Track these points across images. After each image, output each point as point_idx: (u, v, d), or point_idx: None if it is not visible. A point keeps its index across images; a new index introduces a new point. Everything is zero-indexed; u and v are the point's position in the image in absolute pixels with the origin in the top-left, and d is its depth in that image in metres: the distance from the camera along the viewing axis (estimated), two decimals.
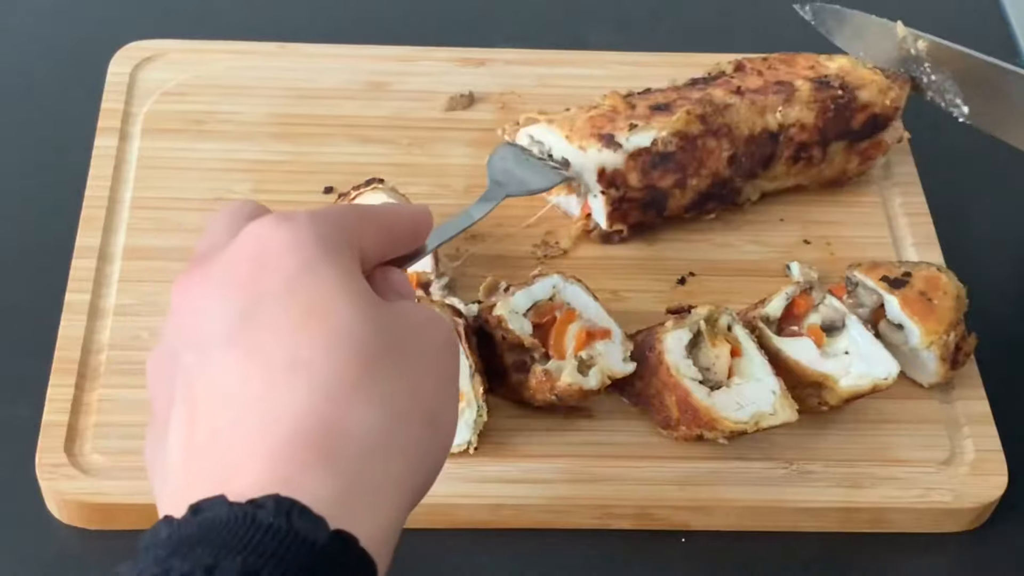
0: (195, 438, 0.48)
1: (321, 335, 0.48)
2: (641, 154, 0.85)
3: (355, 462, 0.47)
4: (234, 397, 0.47)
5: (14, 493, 0.76)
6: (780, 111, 0.87)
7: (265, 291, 0.49)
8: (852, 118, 0.89)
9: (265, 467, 0.45)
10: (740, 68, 0.92)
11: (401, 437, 0.49)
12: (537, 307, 0.78)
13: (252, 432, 0.46)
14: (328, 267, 0.50)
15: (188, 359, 0.50)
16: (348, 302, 0.49)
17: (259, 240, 0.51)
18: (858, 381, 0.77)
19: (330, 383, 0.47)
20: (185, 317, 0.51)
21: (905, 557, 0.78)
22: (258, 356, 0.48)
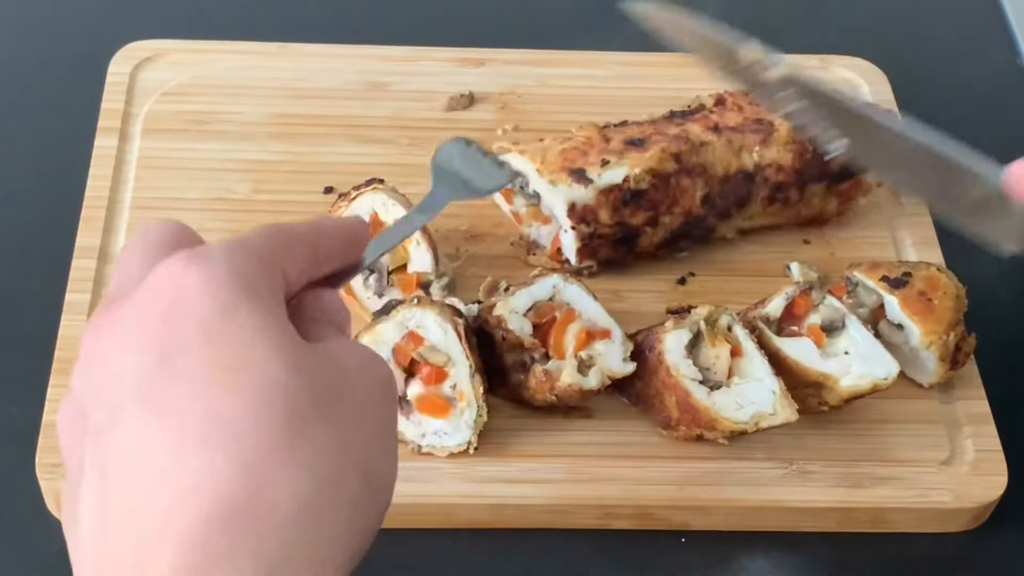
0: (106, 513, 0.43)
1: (241, 391, 0.43)
2: (612, 191, 0.83)
3: (277, 545, 0.42)
4: (145, 466, 0.42)
5: (14, 493, 0.76)
6: (757, 151, 0.86)
7: (179, 341, 0.43)
8: (831, 160, 0.87)
9: (177, 556, 0.41)
10: (720, 102, 0.89)
11: (332, 503, 0.44)
12: (537, 307, 0.78)
13: (163, 509, 0.42)
14: (247, 311, 0.44)
15: (97, 418, 0.44)
16: (271, 351, 0.44)
17: (170, 282, 0.45)
18: (858, 381, 0.77)
19: (251, 448, 0.42)
20: (94, 370, 0.45)
21: (905, 557, 0.78)
22: (171, 417, 0.42)
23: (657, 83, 1.00)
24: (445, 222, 0.88)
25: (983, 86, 1.07)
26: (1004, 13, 1.13)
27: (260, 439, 0.42)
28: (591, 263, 0.86)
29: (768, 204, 0.88)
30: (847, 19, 1.11)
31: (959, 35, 1.12)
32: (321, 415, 0.44)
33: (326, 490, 0.43)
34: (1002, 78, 1.08)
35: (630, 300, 0.86)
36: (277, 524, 0.42)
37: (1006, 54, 1.10)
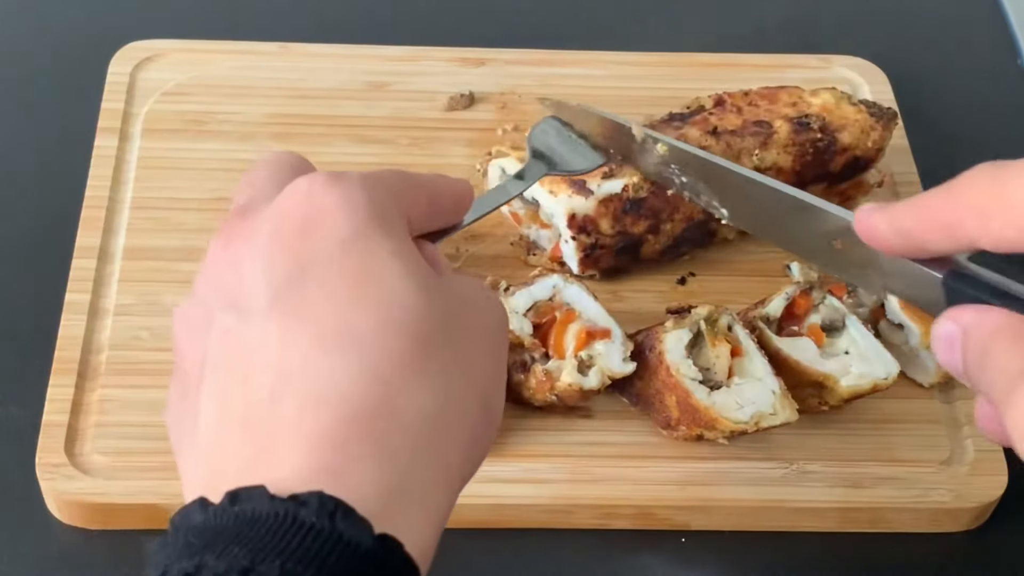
0: (231, 408, 0.44)
1: (375, 308, 0.44)
2: (612, 200, 0.82)
3: (406, 454, 0.43)
4: (276, 367, 0.44)
5: (14, 493, 0.76)
6: (756, 155, 0.85)
7: (315, 254, 0.45)
8: (831, 161, 0.87)
9: (310, 452, 0.42)
10: (720, 103, 0.88)
11: (455, 424, 0.46)
12: (537, 307, 0.78)
13: (296, 409, 0.43)
14: (382, 234, 0.46)
15: (225, 319, 0.46)
16: (404, 273, 0.46)
17: (310, 198, 0.47)
18: (858, 381, 0.77)
19: (384, 361, 0.44)
20: (224, 273, 0.47)
21: (905, 557, 0.78)
22: (305, 324, 0.44)
23: (656, 83, 1.00)
24: None
25: (983, 86, 1.07)
26: (1004, 13, 1.13)
27: (392, 354, 0.44)
28: (594, 272, 0.86)
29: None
30: (847, 18, 1.11)
31: (959, 35, 1.12)
32: (446, 340, 0.46)
33: (450, 410, 0.45)
34: (1002, 78, 1.08)
35: (630, 300, 0.86)
36: (407, 434, 0.43)
37: (1006, 54, 1.10)
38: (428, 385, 0.45)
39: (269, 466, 0.42)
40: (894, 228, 0.57)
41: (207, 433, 0.45)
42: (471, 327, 0.48)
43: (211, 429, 0.45)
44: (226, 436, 0.44)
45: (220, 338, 0.46)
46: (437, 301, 0.46)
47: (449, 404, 0.45)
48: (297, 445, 0.42)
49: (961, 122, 1.02)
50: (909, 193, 0.94)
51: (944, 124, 0.94)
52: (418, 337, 0.45)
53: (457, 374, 0.46)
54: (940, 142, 0.99)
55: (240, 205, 0.49)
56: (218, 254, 0.48)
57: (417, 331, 0.45)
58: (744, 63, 1.01)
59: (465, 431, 0.46)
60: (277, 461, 0.42)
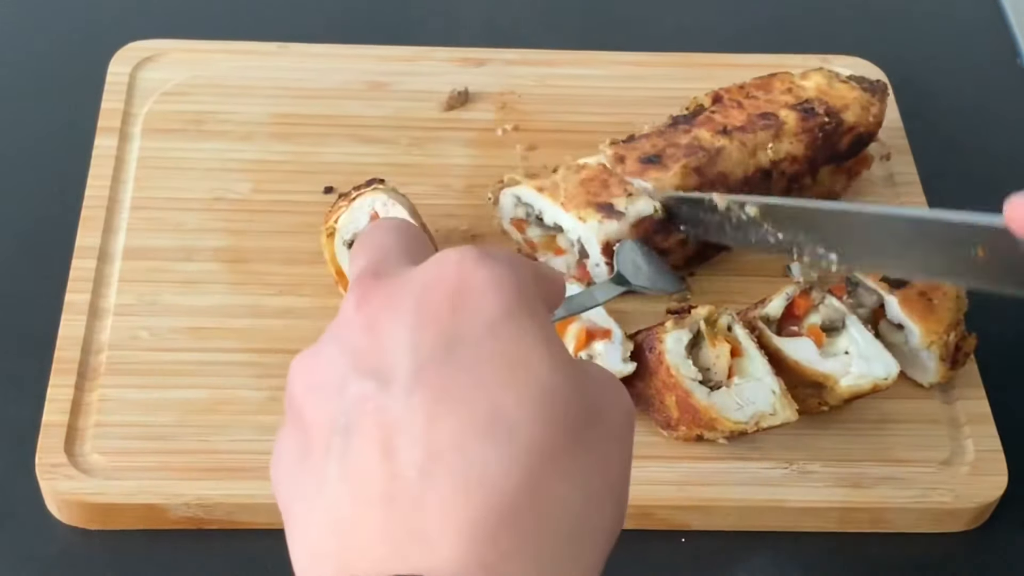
0: (371, 482, 0.42)
1: (527, 395, 0.42)
2: (644, 221, 0.82)
3: (554, 552, 0.41)
4: (424, 444, 0.41)
5: (14, 493, 0.76)
6: (771, 147, 0.85)
7: (464, 332, 0.43)
8: (839, 142, 0.88)
9: (463, 542, 0.40)
10: (717, 99, 0.89)
11: (596, 523, 0.43)
12: None
13: (448, 492, 0.41)
14: (529, 317, 0.44)
15: (363, 386, 0.43)
16: (552, 362, 0.43)
17: (460, 272, 0.45)
18: (858, 381, 0.77)
19: (535, 453, 0.42)
20: (360, 335, 0.45)
21: (905, 557, 0.78)
22: (455, 404, 0.42)
23: (656, 82, 1.00)
24: (445, 222, 0.88)
25: (983, 86, 1.07)
26: (1004, 13, 1.13)
27: (540, 443, 0.42)
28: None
29: (784, 195, 0.88)
30: (847, 18, 1.11)
31: (959, 35, 1.12)
32: (590, 431, 0.44)
33: (591, 506, 0.43)
34: (1002, 78, 1.08)
35: (630, 300, 0.86)
36: (555, 533, 0.42)
37: (1006, 54, 1.10)
38: (573, 483, 0.43)
39: (420, 553, 0.40)
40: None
41: (340, 504, 0.42)
42: (606, 420, 0.46)
43: (347, 502, 0.42)
44: (365, 512, 0.42)
45: (357, 404, 0.43)
46: (581, 387, 0.44)
47: (590, 503, 0.43)
48: (449, 532, 0.40)
49: (961, 122, 1.02)
50: (909, 193, 0.94)
51: (944, 124, 0.94)
52: (566, 429, 0.43)
53: (597, 469, 0.44)
54: (940, 142, 0.99)
55: (370, 266, 0.47)
56: (352, 314, 0.45)
57: (566, 423, 0.43)
58: (742, 63, 1.01)
59: (604, 528, 0.44)
60: (429, 548, 0.40)
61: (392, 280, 0.46)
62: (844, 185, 0.92)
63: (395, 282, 0.46)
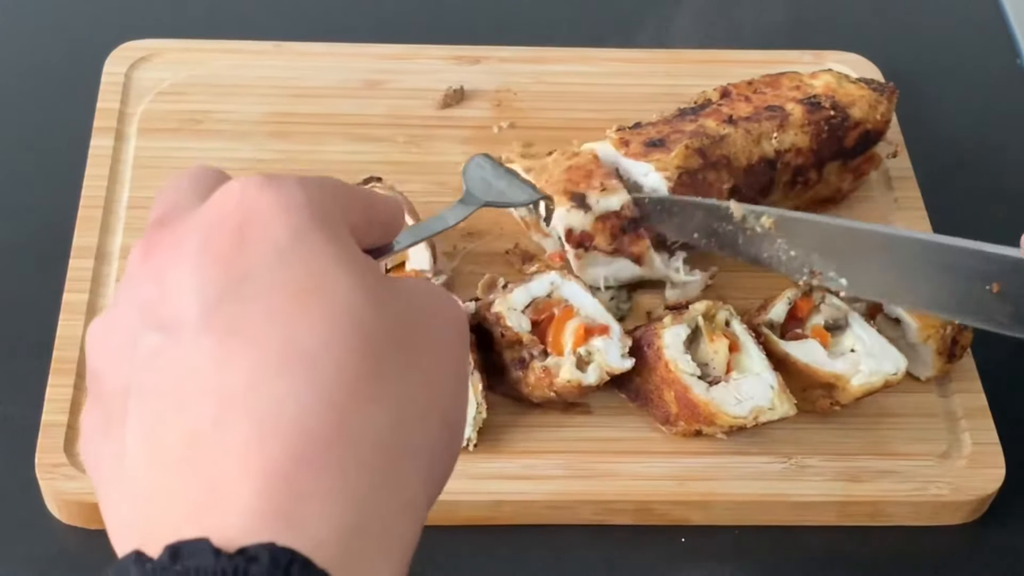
0: (165, 442, 0.39)
1: (320, 320, 0.40)
2: (609, 217, 0.82)
3: (364, 486, 0.39)
4: (215, 393, 0.39)
5: (14, 493, 0.76)
6: (775, 137, 0.86)
7: (252, 265, 0.41)
8: (845, 137, 0.88)
9: (258, 492, 0.37)
10: (726, 94, 0.89)
11: (415, 448, 0.41)
12: (535, 304, 0.78)
13: (241, 440, 0.38)
14: (324, 239, 0.41)
15: (151, 340, 0.41)
16: (351, 282, 0.41)
17: (243, 201, 0.42)
18: (869, 378, 0.77)
19: (335, 383, 0.39)
20: (145, 287, 0.42)
21: (904, 550, 0.78)
22: (245, 344, 0.39)
23: (653, 79, 1.00)
24: None
25: (983, 86, 1.07)
26: (1004, 13, 1.13)
27: (341, 372, 0.39)
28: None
29: (790, 188, 0.88)
30: (846, 18, 1.11)
31: (959, 35, 1.12)
32: (400, 351, 0.42)
33: (407, 429, 0.41)
34: (1002, 78, 1.08)
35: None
36: (363, 463, 0.39)
37: (1006, 54, 1.10)
38: (384, 407, 0.40)
39: (213, 511, 0.37)
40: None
41: (138, 472, 0.40)
42: (428, 337, 0.44)
43: (143, 467, 0.40)
44: (161, 475, 0.39)
45: (146, 361, 0.40)
46: (390, 308, 0.42)
47: (408, 426, 0.41)
48: (244, 484, 0.37)
49: (961, 122, 1.02)
50: (907, 193, 0.94)
51: (944, 124, 0.94)
52: (371, 354, 0.40)
53: (415, 392, 0.42)
54: (940, 142, 0.99)
55: (158, 215, 0.44)
56: (138, 267, 0.43)
57: (370, 347, 0.40)
58: (738, 59, 1.01)
59: (426, 454, 0.42)
60: (222, 504, 0.37)
61: (178, 223, 0.43)
62: (851, 184, 0.91)
63: (181, 225, 0.43)
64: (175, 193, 0.45)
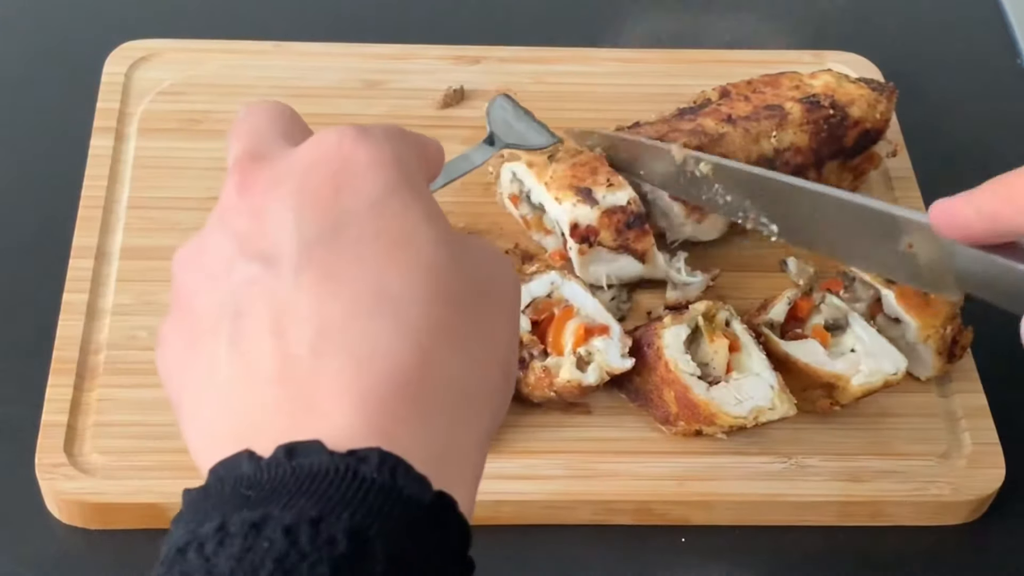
0: (264, 362, 0.42)
1: (409, 269, 0.44)
2: (616, 212, 0.82)
3: (445, 418, 0.43)
4: (313, 323, 0.42)
5: (14, 493, 0.76)
6: (774, 136, 0.85)
7: (348, 212, 0.44)
8: (845, 136, 0.88)
9: (358, 412, 0.41)
10: (725, 94, 0.89)
11: (483, 389, 0.46)
12: (535, 304, 0.78)
13: (338, 367, 0.42)
14: (412, 195, 0.45)
15: (250, 269, 0.44)
16: (436, 237, 0.45)
17: (339, 152, 0.45)
18: (870, 378, 0.77)
19: (420, 326, 0.43)
20: (244, 220, 0.45)
21: (904, 550, 0.78)
22: (341, 283, 0.43)
23: (652, 79, 1.00)
24: None
25: (983, 86, 1.07)
26: (1004, 13, 1.13)
27: (427, 319, 0.43)
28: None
29: None
30: (846, 18, 1.11)
31: (959, 35, 1.12)
32: (474, 303, 0.46)
33: (478, 374, 0.45)
34: (1002, 78, 1.08)
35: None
36: (444, 399, 0.43)
37: (1006, 54, 1.10)
38: (459, 351, 0.44)
39: (317, 423, 0.41)
40: (981, 212, 0.58)
41: (234, 386, 0.43)
42: (492, 292, 0.48)
43: (240, 382, 0.43)
44: (260, 390, 0.42)
45: (245, 287, 0.44)
46: (465, 267, 0.46)
47: (476, 369, 0.45)
48: (343, 404, 0.41)
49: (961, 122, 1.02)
50: (906, 191, 0.94)
51: (944, 124, 0.94)
52: (451, 302, 0.44)
53: (482, 339, 0.46)
54: (939, 142, 0.99)
55: (248, 149, 0.47)
56: (234, 199, 0.46)
57: (450, 297, 0.44)
58: (738, 59, 1.01)
59: (491, 393, 0.46)
60: (325, 419, 0.41)
61: (273, 162, 0.46)
62: (851, 183, 0.91)
63: (276, 164, 0.46)
64: (258, 130, 0.48)
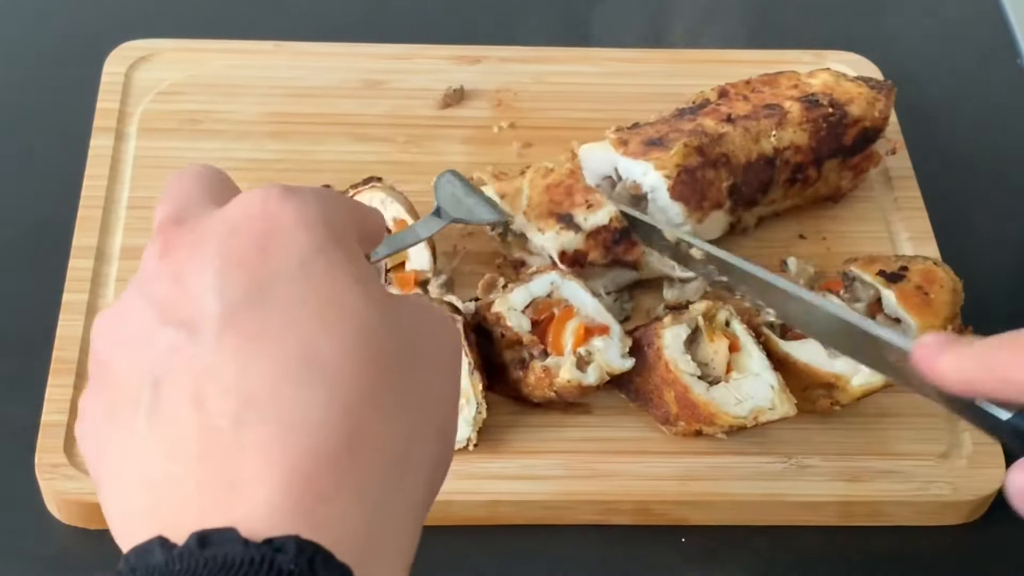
0: (183, 436, 0.40)
1: (340, 331, 0.42)
2: (600, 232, 0.82)
3: (377, 491, 0.41)
4: (236, 392, 0.40)
5: (14, 493, 0.76)
6: (774, 135, 0.85)
7: (275, 273, 0.42)
8: (844, 134, 0.88)
9: (280, 489, 0.39)
10: (724, 94, 0.89)
11: (418, 457, 0.43)
12: (535, 304, 0.78)
13: (263, 439, 0.39)
14: (341, 256, 0.44)
15: (170, 336, 0.42)
16: (367, 298, 0.43)
17: (265, 211, 0.44)
18: (870, 379, 0.77)
19: (351, 392, 0.41)
20: (165, 286, 0.43)
21: (904, 550, 0.78)
22: (267, 348, 0.41)
23: (652, 79, 1.00)
24: None
25: (983, 86, 1.07)
26: (1004, 13, 1.13)
27: (358, 383, 0.41)
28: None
29: (789, 186, 0.88)
30: (846, 18, 1.11)
31: (959, 35, 1.12)
32: (409, 366, 0.44)
33: (413, 441, 0.43)
34: (1002, 78, 1.08)
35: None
36: (376, 470, 0.41)
37: (1006, 54, 1.10)
38: (393, 418, 0.42)
39: (236, 504, 0.39)
40: (959, 375, 0.57)
41: (152, 461, 0.41)
42: (428, 354, 0.46)
43: (159, 457, 0.41)
44: (178, 466, 0.40)
45: (166, 356, 0.42)
46: (398, 328, 0.44)
47: (412, 437, 0.43)
48: (265, 480, 0.39)
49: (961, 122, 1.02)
50: (906, 190, 0.94)
51: (944, 124, 0.94)
52: (383, 368, 0.42)
53: (418, 404, 0.44)
54: (939, 142, 1.00)
55: (172, 213, 0.46)
56: (155, 264, 0.44)
57: (382, 360, 0.42)
58: (737, 59, 1.01)
59: (428, 462, 0.44)
60: (245, 498, 0.39)
61: (196, 224, 0.44)
62: (851, 182, 0.91)
63: (199, 226, 0.44)
64: (184, 192, 0.47)
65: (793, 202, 0.90)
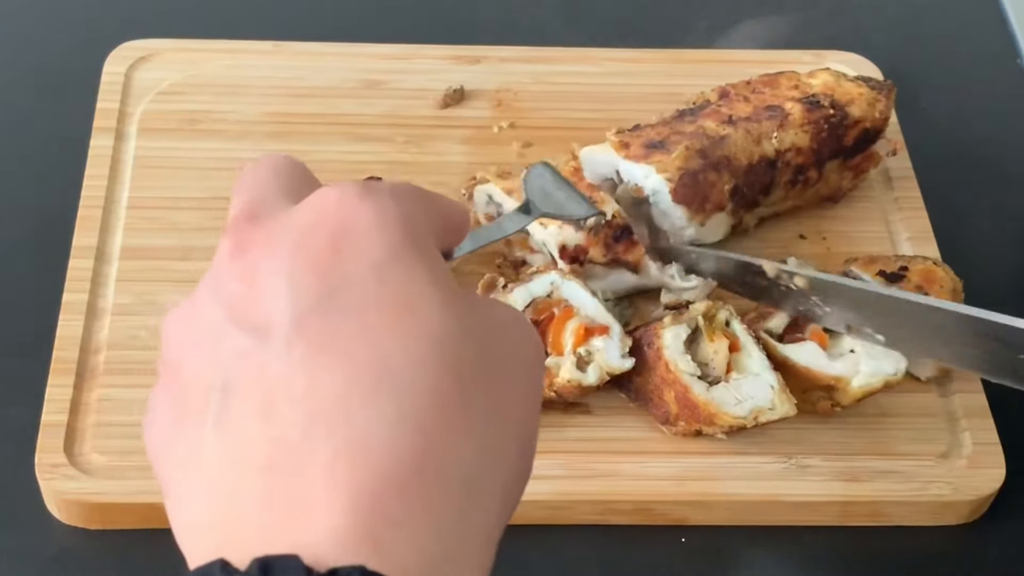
0: (250, 446, 0.39)
1: (415, 341, 0.39)
2: (601, 228, 0.82)
3: (449, 514, 0.39)
4: (304, 404, 0.38)
5: (14, 493, 0.76)
6: (775, 137, 0.85)
7: (347, 277, 0.40)
8: (845, 135, 0.88)
9: (348, 513, 0.37)
10: (724, 95, 0.89)
11: (495, 476, 0.41)
12: (535, 304, 0.78)
13: (330, 457, 0.38)
14: (417, 258, 0.41)
15: (240, 340, 0.40)
16: (443, 304, 0.40)
17: (340, 211, 0.41)
18: (870, 380, 0.77)
19: (425, 408, 0.39)
20: (235, 284, 0.41)
21: (904, 550, 0.78)
22: (337, 356, 0.39)
23: (652, 79, 1.00)
24: None
25: (983, 86, 1.07)
26: (1004, 13, 1.13)
27: (432, 397, 0.39)
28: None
29: (790, 188, 0.88)
30: (845, 18, 1.11)
31: (959, 34, 1.12)
32: (487, 376, 0.41)
33: (490, 460, 0.41)
34: (1002, 78, 1.08)
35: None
36: (449, 492, 0.39)
37: (1006, 54, 1.10)
38: (469, 435, 0.40)
39: (301, 525, 0.37)
40: None
41: (218, 471, 0.39)
42: (508, 364, 0.43)
43: (223, 467, 0.39)
44: (243, 478, 0.39)
45: (233, 361, 0.40)
46: (476, 337, 0.41)
47: (489, 454, 0.41)
48: (331, 502, 0.37)
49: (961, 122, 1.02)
50: (906, 190, 0.94)
51: (944, 124, 0.94)
52: (459, 380, 0.40)
53: (496, 418, 0.41)
54: (939, 142, 0.99)
55: (246, 208, 0.44)
56: (226, 262, 0.42)
57: (459, 373, 0.40)
58: (738, 59, 1.01)
59: (503, 482, 0.42)
60: (310, 519, 0.37)
61: (270, 222, 0.42)
62: (851, 182, 0.91)
63: (273, 224, 0.42)
64: (259, 186, 0.45)
65: (794, 203, 0.90)
